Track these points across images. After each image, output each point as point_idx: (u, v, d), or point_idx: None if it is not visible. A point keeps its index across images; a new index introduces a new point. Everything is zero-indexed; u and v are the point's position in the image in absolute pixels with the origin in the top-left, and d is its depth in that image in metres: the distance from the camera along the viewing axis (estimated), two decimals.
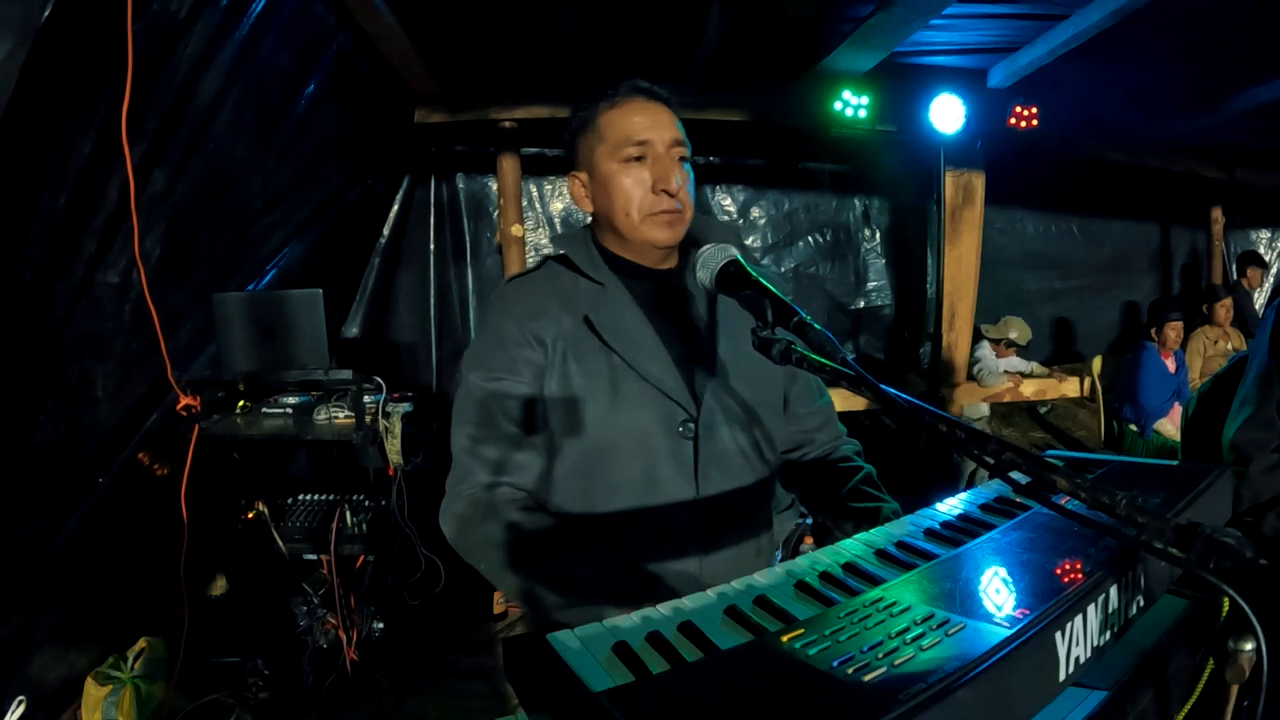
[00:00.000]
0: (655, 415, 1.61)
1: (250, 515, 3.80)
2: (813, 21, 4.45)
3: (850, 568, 0.86)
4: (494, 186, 5.72)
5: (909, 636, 0.64)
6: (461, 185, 5.98)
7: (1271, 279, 8.62)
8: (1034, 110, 5.27)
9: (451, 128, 5.40)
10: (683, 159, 1.64)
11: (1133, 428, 6.04)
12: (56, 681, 3.42)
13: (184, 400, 3.51)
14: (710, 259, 1.35)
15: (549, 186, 6.03)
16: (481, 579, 1.57)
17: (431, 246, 5.95)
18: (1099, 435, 6.38)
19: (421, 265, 5.95)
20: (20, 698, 3.08)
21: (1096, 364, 6.50)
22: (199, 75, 3.22)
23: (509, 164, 5.35)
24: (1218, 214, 8.16)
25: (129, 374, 3.45)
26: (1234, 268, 8.12)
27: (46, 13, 2.35)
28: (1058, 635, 0.69)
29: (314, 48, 3.93)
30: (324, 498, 3.93)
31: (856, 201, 6.78)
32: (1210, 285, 7.48)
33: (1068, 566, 0.81)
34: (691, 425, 1.61)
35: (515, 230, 5.35)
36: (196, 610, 3.91)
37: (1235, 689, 0.75)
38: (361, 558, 3.84)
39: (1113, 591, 0.78)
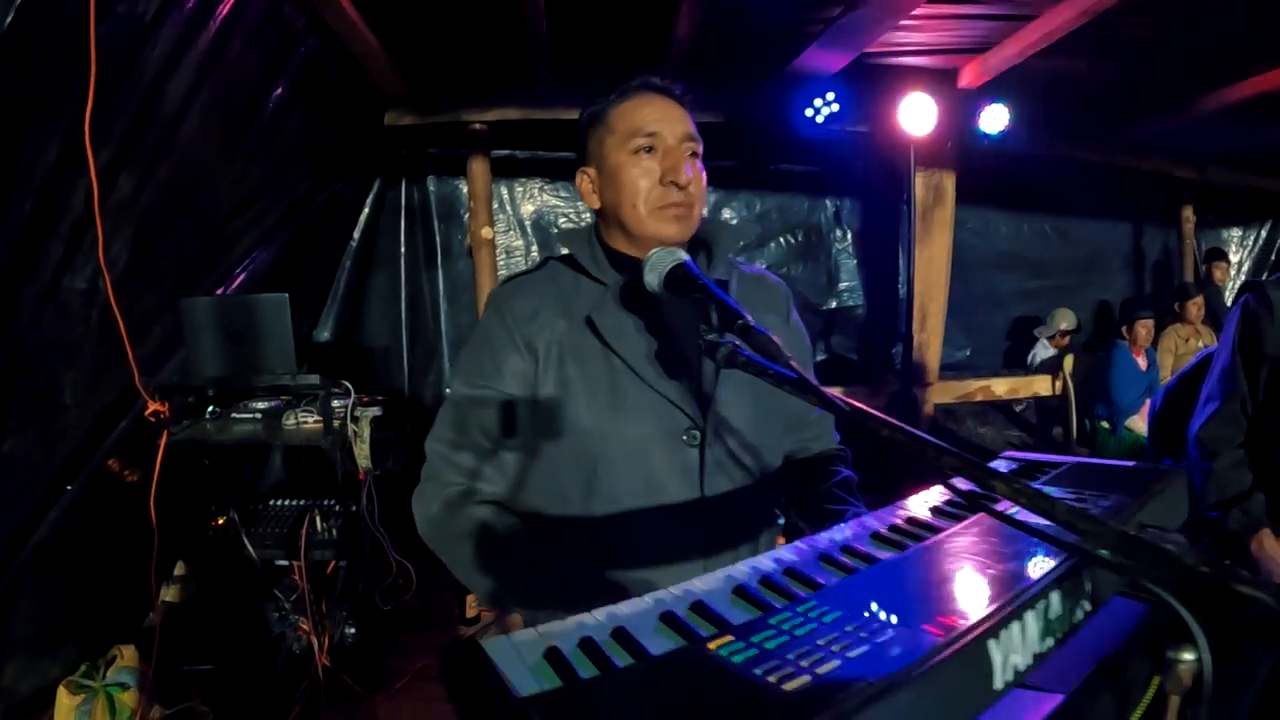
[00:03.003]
0: (659, 422, 1.57)
1: (220, 521, 3.78)
2: (782, 23, 4.47)
3: (791, 573, 0.85)
4: (465, 189, 5.72)
5: (835, 645, 0.64)
6: (432, 188, 6.00)
7: (1240, 274, 8.73)
8: (1005, 110, 5.31)
9: (422, 130, 5.40)
10: (695, 154, 1.63)
11: (1105, 425, 6.09)
12: (29, 691, 3.38)
13: (152, 406, 3.49)
14: (659, 261, 1.35)
15: (520, 189, 6.05)
16: (453, 583, 1.59)
17: (403, 249, 5.97)
18: (1072, 433, 6.43)
19: (393, 268, 5.96)
20: None
21: (1069, 362, 6.55)
22: (166, 78, 3.21)
23: (479, 166, 5.35)
24: (1189, 213, 8.25)
25: (97, 380, 3.43)
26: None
27: (9, 18, 2.34)
28: (992, 643, 0.68)
29: (282, 49, 3.92)
30: (294, 503, 3.90)
31: (828, 202, 6.82)
32: (1182, 283, 7.55)
33: (1009, 571, 0.81)
34: (696, 434, 1.57)
35: (485, 233, 5.35)
36: (168, 618, 3.89)
37: (1176, 700, 0.75)
38: (333, 563, 3.82)
39: (1055, 598, 0.77)
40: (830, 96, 5.13)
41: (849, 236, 6.92)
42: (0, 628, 3.20)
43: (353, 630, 3.97)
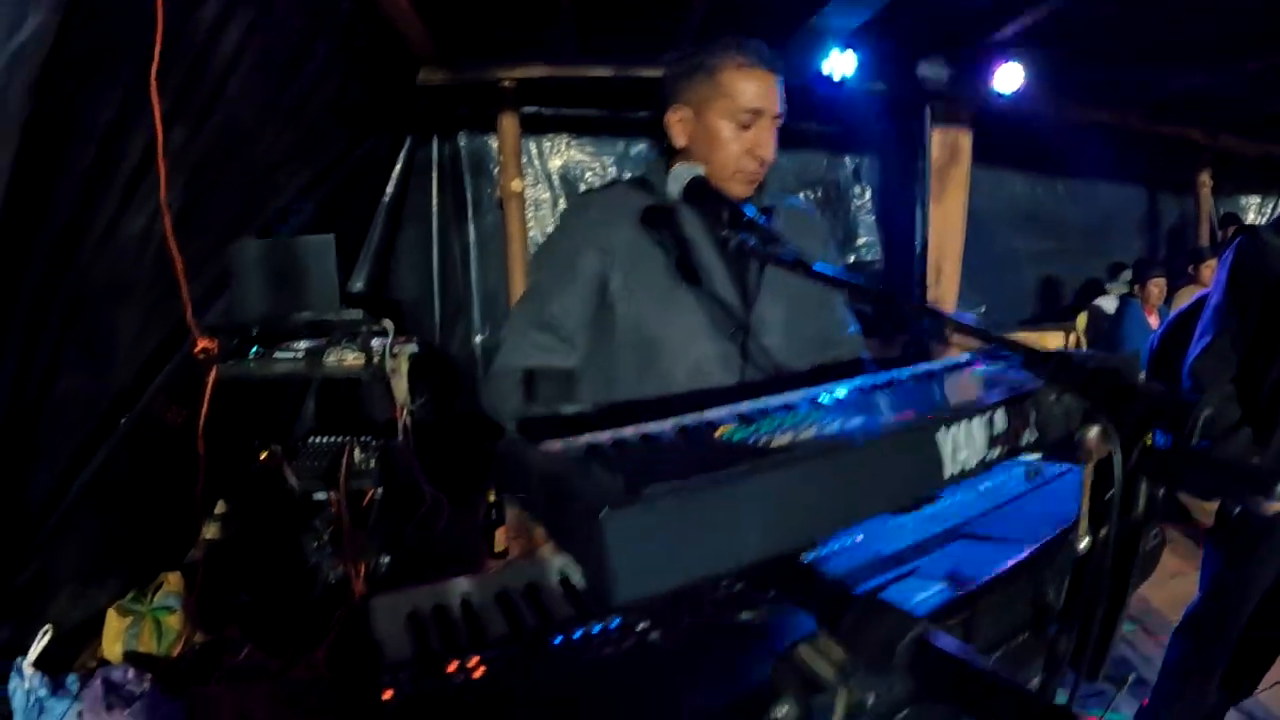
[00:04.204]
0: (708, 317, 1.82)
1: (264, 456, 3.94)
2: None
3: (788, 406, 1.03)
4: (494, 145, 5.86)
5: (815, 426, 0.82)
6: (463, 144, 6.10)
7: None
8: (1019, 69, 5.39)
9: (453, 88, 5.52)
10: (778, 128, 1.83)
11: None
12: (78, 619, 3.52)
13: (201, 343, 3.63)
14: (680, 175, 1.57)
15: (548, 144, 6.15)
16: (484, 517, 1.77)
17: (434, 204, 6.08)
18: None
19: (424, 223, 6.08)
20: (47, 626, 3.22)
21: (1081, 320, 6.64)
22: (219, 34, 3.33)
23: (509, 122, 5.50)
24: (1206, 178, 8.21)
25: (148, 321, 3.55)
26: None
27: None
28: (940, 433, 0.85)
29: (323, 10, 4.03)
30: (334, 439, 4.05)
31: (848, 160, 6.90)
32: (1196, 247, 7.55)
33: (967, 392, 0.99)
34: (739, 331, 1.82)
35: (515, 185, 5.51)
36: (211, 548, 4.05)
37: (1090, 469, 0.91)
38: (370, 492, 3.98)
39: (999, 415, 0.93)
40: (849, 54, 5.21)
41: (868, 194, 6.99)
42: (53, 557, 3.33)
43: (386, 560, 4.14)
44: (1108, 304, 6.76)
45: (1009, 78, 5.43)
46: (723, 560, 0.65)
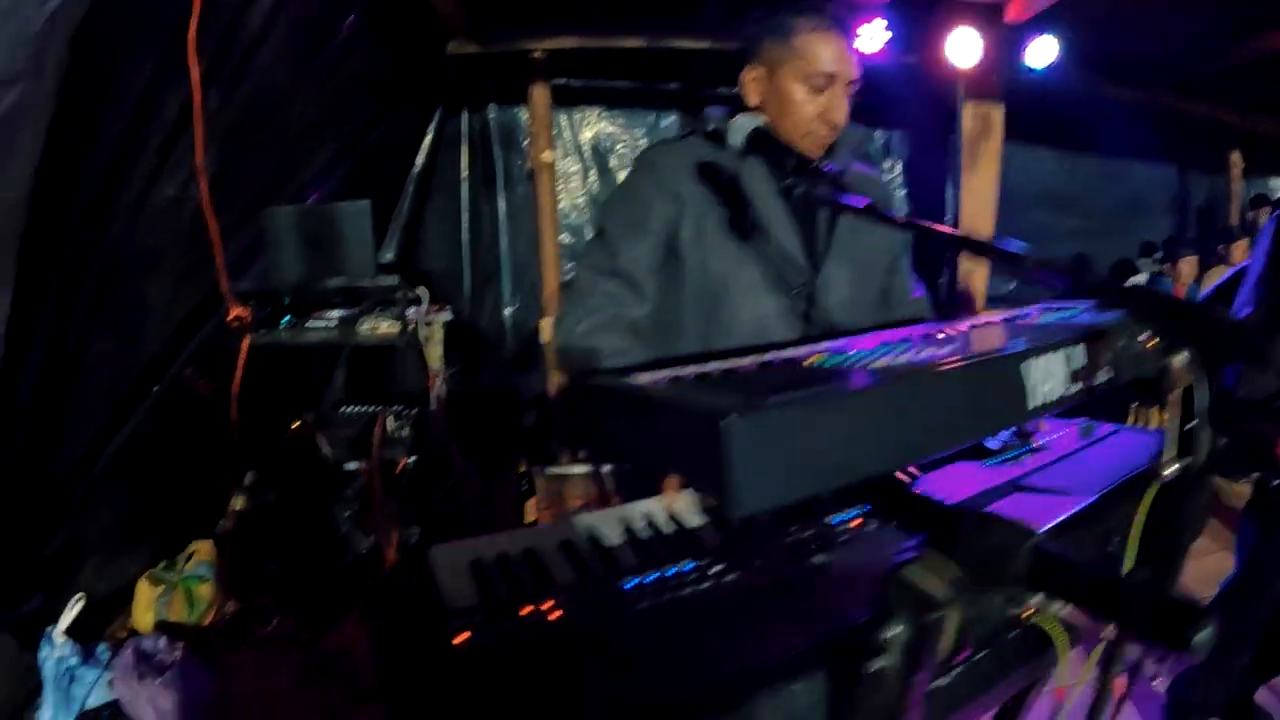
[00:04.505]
0: (775, 273, 1.83)
1: (296, 425, 3.96)
2: None
3: (876, 340, 1.03)
4: (524, 117, 5.85)
5: (905, 355, 0.82)
6: (492, 116, 6.07)
7: None
8: (1053, 42, 5.34)
9: (483, 59, 5.51)
10: (851, 93, 1.84)
11: None
12: (109, 588, 3.56)
13: (235, 311, 3.63)
14: (741, 127, 1.56)
15: (578, 116, 6.11)
16: (513, 487, 1.78)
17: (464, 175, 6.06)
18: None
19: (453, 195, 6.06)
20: (78, 595, 3.25)
21: None
22: (251, 1, 3.35)
23: (540, 92, 5.49)
24: (1236, 158, 8.15)
25: (181, 287, 3.57)
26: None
27: None
28: (1025, 363, 0.85)
29: None
30: (366, 409, 4.06)
31: (877, 134, 6.84)
32: (1226, 226, 7.52)
33: (1045, 332, 0.99)
34: (804, 291, 1.84)
35: (546, 156, 5.50)
36: (242, 518, 4.07)
37: (1175, 395, 0.90)
38: (403, 461, 3.98)
39: (1078, 351, 0.93)
40: (881, 24, 5.15)
41: (898, 167, 6.94)
42: (83, 525, 3.36)
43: (416, 530, 4.16)
44: (1139, 282, 6.68)
45: (1043, 52, 5.39)
46: (838, 474, 0.65)
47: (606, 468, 4.50)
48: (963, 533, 0.75)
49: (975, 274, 6.08)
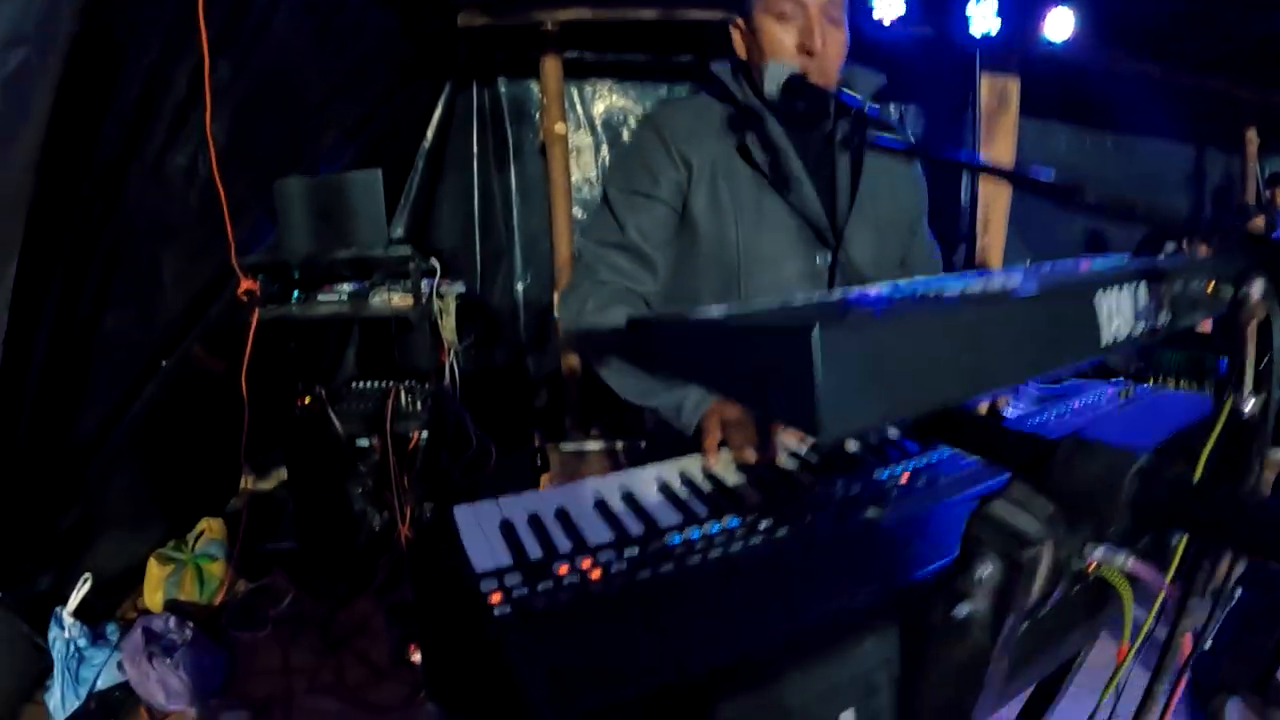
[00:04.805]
0: (796, 238, 1.74)
1: (307, 400, 3.94)
2: None
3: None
4: (535, 90, 5.76)
5: (975, 283, 0.78)
6: (503, 90, 6.01)
7: None
8: (1070, 13, 5.27)
9: (493, 32, 5.42)
10: (833, 19, 1.69)
11: None
12: (119, 568, 3.57)
13: (245, 285, 3.62)
14: (776, 74, 1.50)
15: (590, 89, 6.05)
16: (530, 461, 1.72)
17: (474, 150, 6.00)
18: None
19: (464, 170, 6.01)
20: (86, 574, 3.23)
21: None
22: None
23: (552, 64, 5.40)
24: (1253, 135, 8.08)
25: (194, 261, 3.55)
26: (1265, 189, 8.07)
27: None
28: (1098, 295, 0.81)
29: None
30: (378, 384, 4.04)
31: (892, 107, 6.72)
32: (1242, 203, 7.46)
33: (1112, 267, 0.95)
34: (828, 252, 1.75)
35: (559, 129, 5.43)
36: (254, 495, 4.06)
37: (1252, 327, 0.85)
38: (416, 435, 3.96)
39: (1141, 289, 0.88)
40: None
41: (913, 140, 6.82)
42: (94, 503, 3.37)
43: (431, 505, 4.13)
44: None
45: (1060, 24, 5.32)
46: (922, 399, 0.60)
47: (621, 444, 4.48)
48: (1057, 461, 0.70)
49: (992, 251, 6.02)
